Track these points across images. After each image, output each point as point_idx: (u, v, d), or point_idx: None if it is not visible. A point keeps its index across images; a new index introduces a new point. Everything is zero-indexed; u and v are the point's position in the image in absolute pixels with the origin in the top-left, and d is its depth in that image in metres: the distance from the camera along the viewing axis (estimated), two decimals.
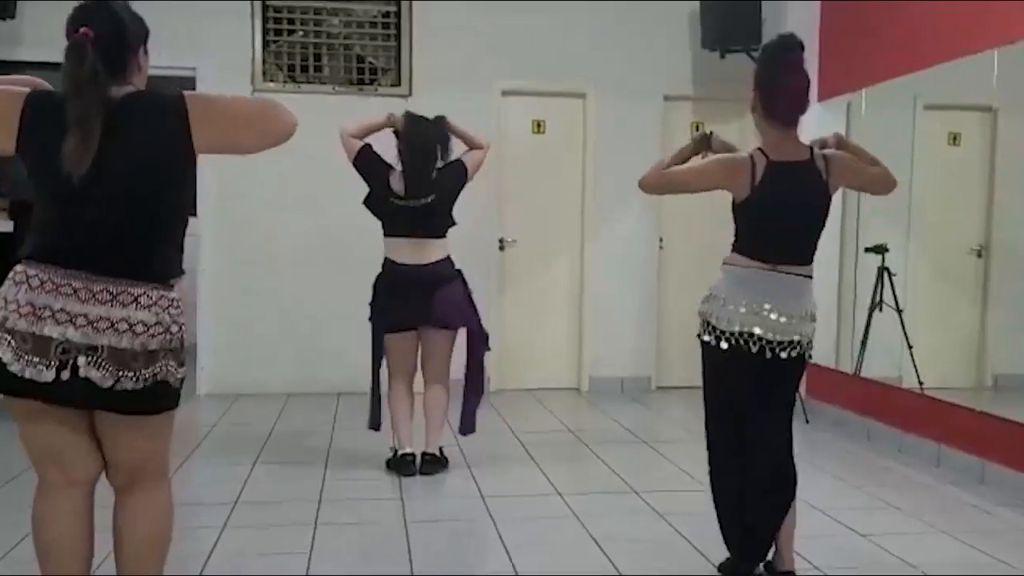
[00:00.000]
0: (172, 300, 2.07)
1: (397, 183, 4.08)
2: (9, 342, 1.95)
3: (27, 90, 2.05)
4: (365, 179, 4.16)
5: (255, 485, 4.06)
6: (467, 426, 4.33)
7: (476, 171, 4.25)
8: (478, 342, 4.21)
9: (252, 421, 5.33)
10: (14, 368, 1.95)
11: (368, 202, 4.17)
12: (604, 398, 6.29)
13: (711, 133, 2.98)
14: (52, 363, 1.95)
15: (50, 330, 1.95)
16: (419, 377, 4.30)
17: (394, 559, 3.19)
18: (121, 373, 1.98)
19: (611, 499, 3.94)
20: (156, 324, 2.02)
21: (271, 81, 6.14)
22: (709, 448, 2.94)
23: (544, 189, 6.56)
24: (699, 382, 2.95)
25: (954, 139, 4.98)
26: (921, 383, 4.84)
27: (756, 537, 2.86)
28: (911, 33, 4.92)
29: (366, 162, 4.14)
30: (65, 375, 1.96)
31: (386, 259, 4.17)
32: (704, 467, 2.98)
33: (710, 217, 6.33)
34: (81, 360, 1.96)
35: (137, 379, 2.00)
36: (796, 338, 2.78)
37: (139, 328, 2.00)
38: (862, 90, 5.29)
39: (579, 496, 3.95)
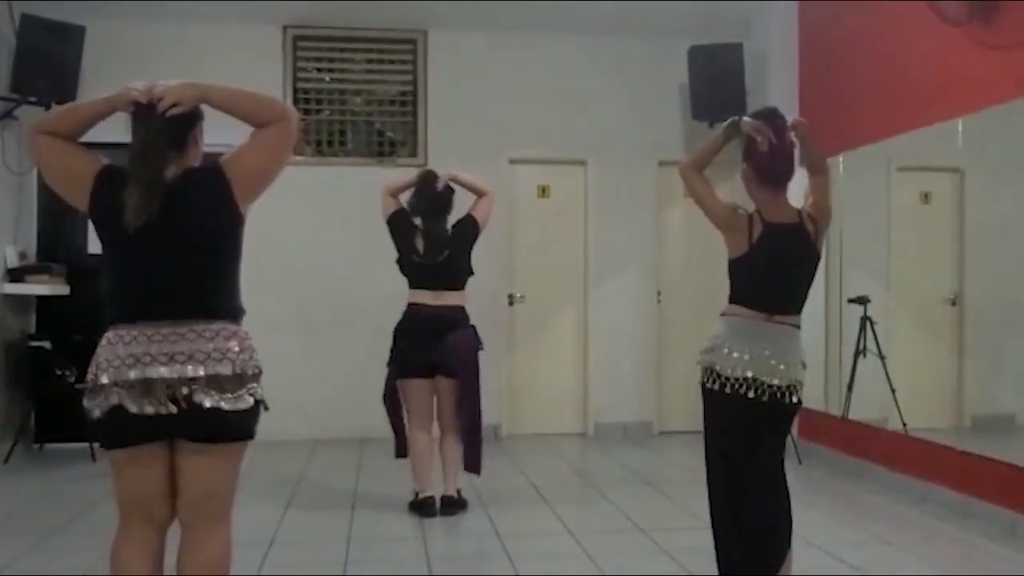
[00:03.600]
0: (246, 333, 2.21)
1: (420, 242, 4.24)
2: (123, 392, 2.06)
3: (105, 161, 2.18)
4: (393, 238, 4.31)
5: (288, 526, 4.11)
6: (468, 464, 4.24)
7: (487, 219, 4.35)
8: (467, 394, 4.18)
9: (281, 467, 5.35)
10: (133, 409, 2.06)
11: (398, 262, 4.31)
12: (609, 442, 6.30)
13: (740, 118, 2.83)
14: (163, 400, 2.05)
15: (153, 372, 2.06)
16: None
17: None
18: (222, 396, 2.09)
19: (619, 538, 3.94)
20: (242, 352, 2.15)
21: (300, 155, 6.32)
22: (711, 495, 2.87)
23: (550, 248, 6.67)
24: (698, 427, 2.92)
25: (925, 198, 5.06)
26: (904, 424, 4.85)
27: None
28: (884, 102, 5.07)
29: (397, 223, 4.30)
30: (176, 408, 2.06)
31: (408, 304, 4.28)
32: (706, 507, 2.91)
33: (706, 272, 6.47)
34: (183, 391, 2.06)
35: (237, 399, 2.11)
36: (793, 384, 2.79)
37: (231, 355, 2.12)
38: (840, 155, 5.39)
39: (588, 534, 3.97)
